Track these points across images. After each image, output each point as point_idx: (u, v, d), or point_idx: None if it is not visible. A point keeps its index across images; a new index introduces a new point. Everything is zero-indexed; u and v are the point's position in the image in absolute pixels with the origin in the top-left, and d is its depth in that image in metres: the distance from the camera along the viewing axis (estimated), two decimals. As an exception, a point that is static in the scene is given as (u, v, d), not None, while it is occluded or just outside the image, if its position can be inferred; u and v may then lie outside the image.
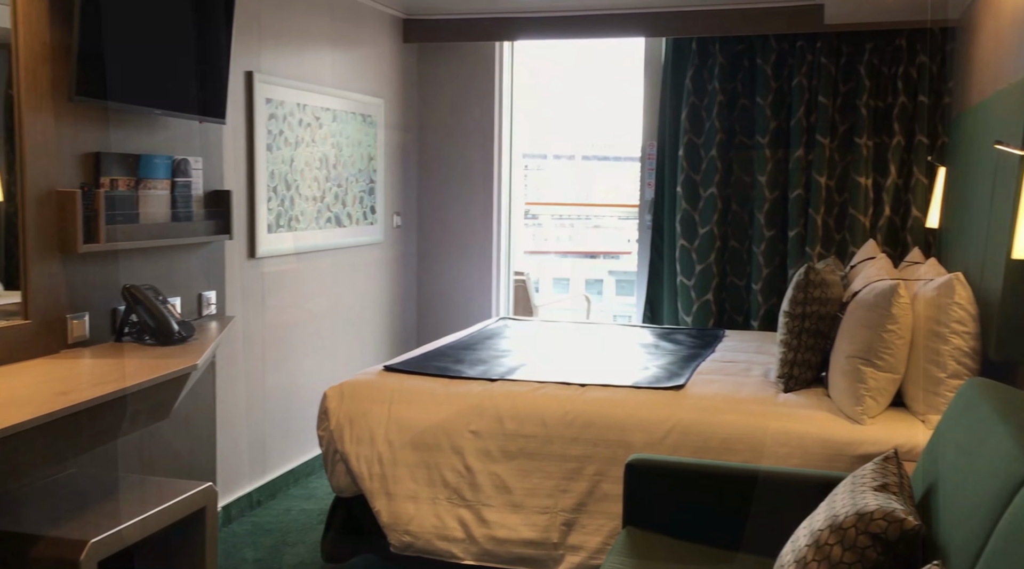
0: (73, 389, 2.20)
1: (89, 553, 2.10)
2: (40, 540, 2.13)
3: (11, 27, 2.45)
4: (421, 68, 5.25)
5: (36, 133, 2.53)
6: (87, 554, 2.10)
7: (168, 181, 3.07)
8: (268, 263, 3.89)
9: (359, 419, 3.10)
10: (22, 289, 2.54)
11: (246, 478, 3.82)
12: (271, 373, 3.96)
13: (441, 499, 3.00)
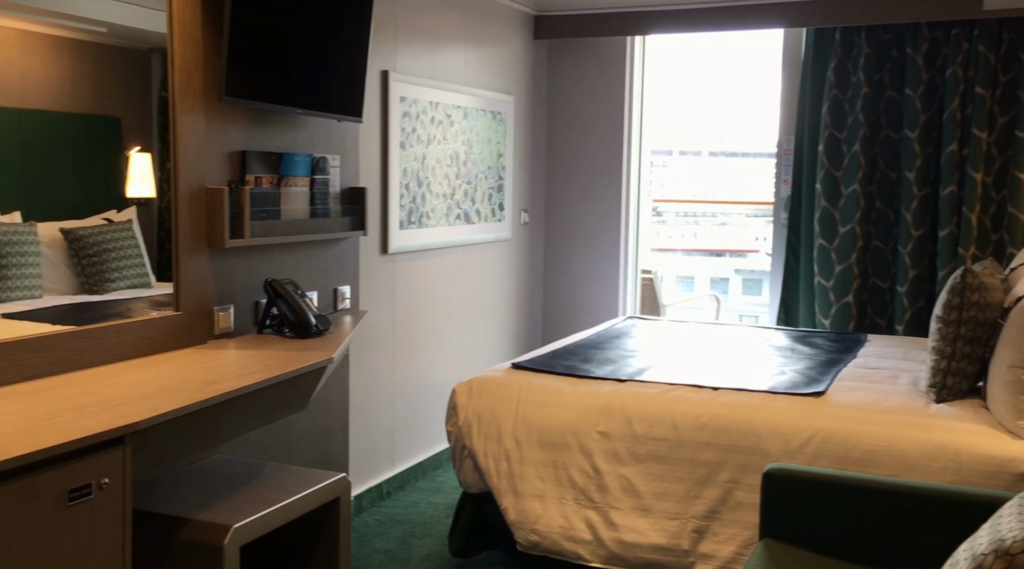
0: (220, 379, 2.28)
1: (232, 538, 2.18)
2: (187, 523, 2.23)
3: (167, 33, 2.57)
4: (551, 64, 5.24)
5: (188, 133, 2.65)
6: (230, 538, 2.18)
7: (308, 178, 3.16)
8: (399, 259, 3.96)
9: (487, 416, 3.11)
10: (174, 282, 2.67)
11: (376, 469, 3.91)
12: (401, 367, 4.03)
13: (568, 499, 2.97)
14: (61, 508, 1.73)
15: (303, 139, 3.16)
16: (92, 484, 1.79)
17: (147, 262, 2.70)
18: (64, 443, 1.71)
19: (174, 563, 2.22)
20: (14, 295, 2.34)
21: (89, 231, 2.57)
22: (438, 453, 4.35)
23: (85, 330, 2.38)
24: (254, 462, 2.71)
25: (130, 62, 2.67)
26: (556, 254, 5.35)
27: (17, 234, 2.36)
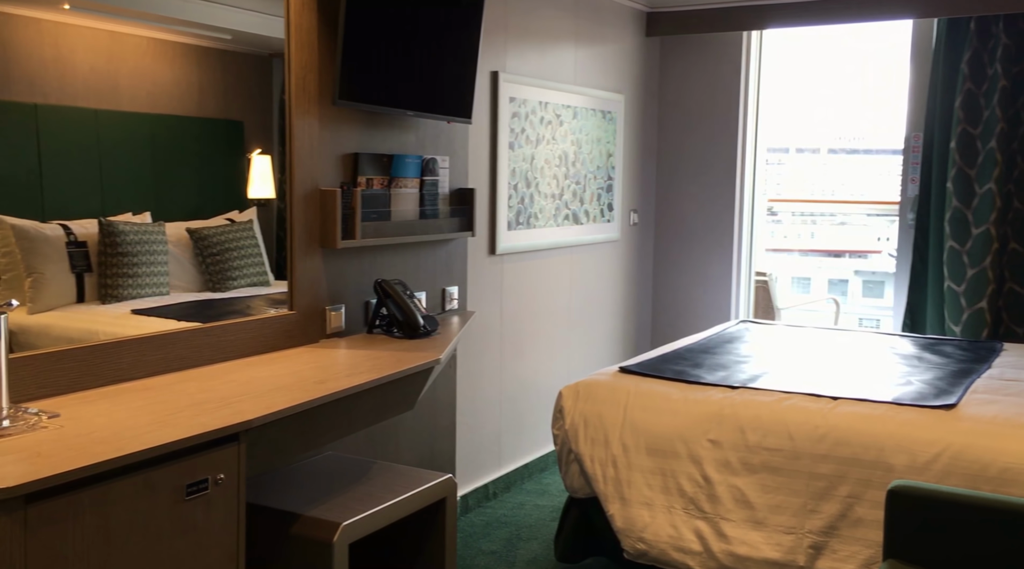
0: (331, 378, 2.32)
1: (341, 535, 2.22)
2: (299, 518, 2.27)
3: (285, 38, 2.64)
4: (663, 62, 5.14)
5: (304, 136, 2.71)
6: (340, 536, 2.21)
7: (417, 180, 3.19)
8: (507, 259, 3.96)
9: (594, 420, 3.07)
10: (288, 282, 2.73)
11: (482, 470, 3.92)
12: (508, 368, 4.03)
13: (677, 508, 2.89)
14: (179, 501, 1.78)
15: (413, 141, 3.19)
16: (208, 479, 1.84)
17: (266, 261, 2.78)
18: (183, 439, 1.77)
19: (285, 557, 2.27)
20: (144, 292, 2.45)
21: (213, 231, 2.66)
22: (544, 455, 4.33)
23: (206, 328, 2.46)
24: (363, 460, 2.75)
25: (253, 67, 2.75)
26: (666, 255, 5.25)
27: (148, 233, 2.47)
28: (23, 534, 1.50)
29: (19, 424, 1.78)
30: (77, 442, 1.70)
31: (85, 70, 2.29)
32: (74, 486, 1.58)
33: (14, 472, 1.53)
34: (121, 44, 2.39)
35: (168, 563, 1.77)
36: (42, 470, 1.54)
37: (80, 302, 2.33)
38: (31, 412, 1.86)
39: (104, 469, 1.62)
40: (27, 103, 2.18)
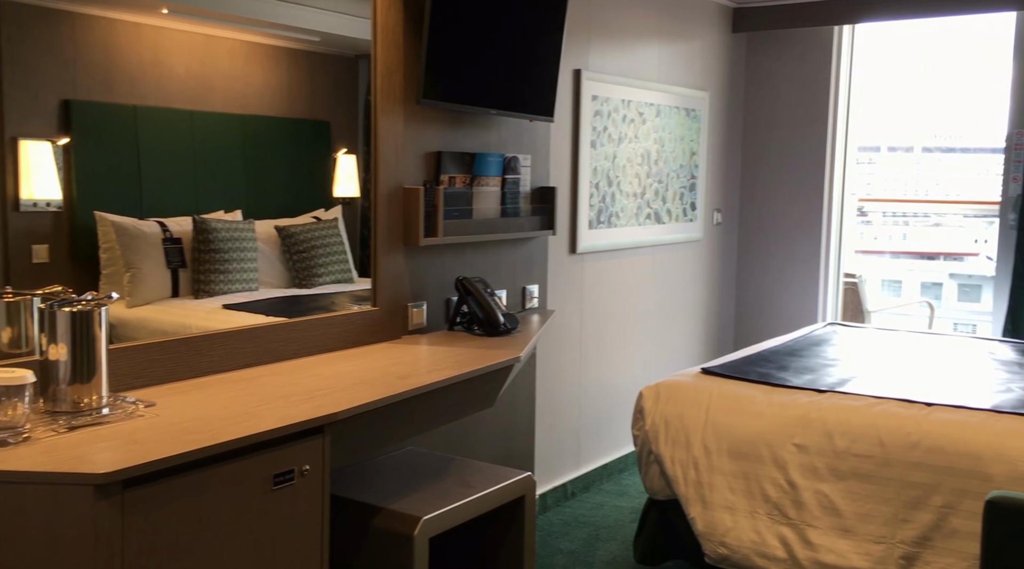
0: (412, 374, 2.35)
1: (422, 529, 2.24)
2: (380, 511, 2.31)
3: (371, 38, 2.68)
4: (749, 58, 5.04)
5: (388, 135, 2.75)
6: (420, 530, 2.24)
7: (499, 178, 3.20)
8: (588, 258, 3.94)
9: (675, 421, 3.03)
10: (372, 278, 2.78)
11: (561, 469, 3.91)
12: (588, 367, 4.01)
13: (761, 513, 2.83)
14: (267, 491, 1.83)
15: (495, 139, 3.20)
16: (295, 470, 1.88)
17: (350, 258, 2.84)
18: (271, 430, 1.81)
19: (367, 549, 2.31)
20: (234, 287, 2.52)
21: (300, 228, 2.72)
22: (624, 456, 4.29)
23: (293, 323, 2.52)
24: (442, 456, 2.77)
25: (339, 68, 2.81)
26: (750, 256, 5.14)
27: (239, 231, 2.54)
28: (120, 518, 1.56)
29: (117, 412, 1.86)
30: (171, 431, 1.76)
31: (181, 73, 2.37)
32: (168, 473, 1.63)
33: (112, 458, 1.59)
34: (215, 47, 2.46)
35: (256, 551, 1.82)
36: (139, 457, 1.59)
37: (174, 297, 2.42)
38: (128, 401, 1.94)
39: (197, 457, 1.67)
40: (127, 105, 2.26)
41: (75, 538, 1.53)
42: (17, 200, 2.02)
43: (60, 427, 1.74)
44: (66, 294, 1.90)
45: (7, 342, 1.90)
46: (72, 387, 1.79)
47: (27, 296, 1.92)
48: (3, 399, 1.64)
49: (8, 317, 1.91)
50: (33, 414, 1.74)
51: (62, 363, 1.79)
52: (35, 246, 2.08)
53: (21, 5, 2.03)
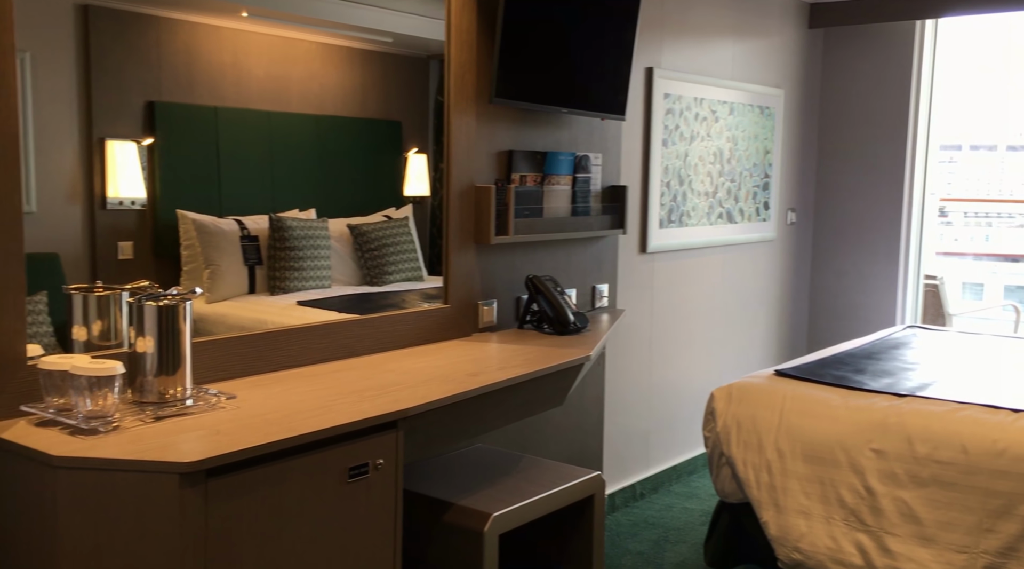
0: (483, 371, 2.37)
1: (492, 525, 2.26)
2: (451, 507, 2.33)
3: (445, 38, 2.72)
4: (826, 55, 4.94)
5: (461, 134, 2.78)
6: (490, 526, 2.25)
7: (570, 177, 3.20)
8: (658, 258, 3.91)
9: (747, 423, 2.99)
10: (444, 276, 2.81)
11: (630, 470, 3.89)
12: (657, 367, 3.99)
13: (836, 519, 2.78)
14: (342, 484, 1.87)
15: (566, 138, 3.20)
16: (369, 464, 1.92)
17: (420, 257, 2.87)
18: (346, 423, 1.85)
19: (437, 544, 2.34)
20: (307, 284, 2.58)
21: (371, 227, 2.77)
22: (694, 458, 4.25)
23: (367, 319, 2.57)
24: (511, 453, 2.79)
25: (411, 69, 2.85)
26: (825, 256, 5.04)
27: (313, 229, 2.60)
28: (204, 505, 1.61)
29: (200, 404, 1.92)
30: (252, 422, 1.81)
31: (260, 74, 2.43)
32: (249, 463, 1.68)
33: (197, 448, 1.65)
34: (293, 49, 2.52)
35: (332, 542, 1.86)
36: (222, 447, 1.64)
37: (251, 293, 2.48)
38: (211, 393, 2.00)
39: (277, 449, 1.71)
40: (208, 106, 2.33)
41: (163, 523, 1.59)
42: (104, 199, 2.10)
43: (147, 417, 1.80)
44: (152, 289, 1.97)
45: (97, 334, 1.98)
46: (158, 379, 1.86)
47: (116, 290, 2.00)
48: (94, 389, 1.71)
49: (99, 310, 1.99)
50: (121, 404, 1.81)
51: (149, 355, 1.85)
52: (121, 243, 2.16)
53: (109, 10, 2.11)
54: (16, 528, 1.68)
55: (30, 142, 1.83)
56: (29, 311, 1.86)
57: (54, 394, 1.76)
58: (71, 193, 2.03)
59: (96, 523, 1.60)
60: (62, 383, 1.75)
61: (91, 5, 2.08)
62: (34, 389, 1.80)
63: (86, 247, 2.08)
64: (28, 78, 1.85)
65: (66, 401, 1.76)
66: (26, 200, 1.87)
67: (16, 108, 1.77)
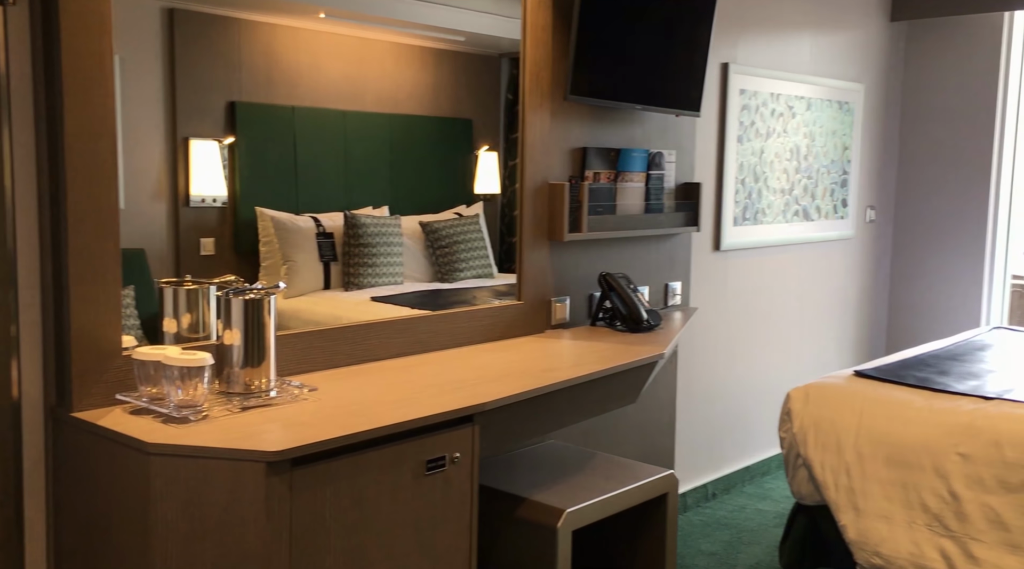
0: (557, 367, 2.39)
1: (566, 521, 2.28)
2: (524, 502, 2.36)
3: (521, 37, 2.74)
4: (908, 48, 4.82)
5: (535, 131, 2.80)
6: (564, 522, 2.27)
7: (643, 174, 3.20)
8: (732, 256, 3.88)
9: (825, 425, 2.95)
10: (517, 273, 2.84)
11: (701, 469, 3.87)
12: (730, 366, 3.95)
13: (919, 524, 2.72)
14: (420, 476, 1.91)
15: (640, 134, 3.20)
16: (446, 457, 1.95)
17: (490, 254, 2.90)
18: (425, 417, 1.88)
19: (511, 538, 2.36)
20: (381, 281, 2.63)
21: (443, 224, 2.81)
22: (767, 459, 4.20)
23: (442, 315, 2.61)
24: (584, 450, 2.80)
25: (483, 67, 2.88)
26: (906, 255, 4.92)
27: (386, 226, 2.65)
28: (289, 494, 1.67)
29: (284, 395, 1.98)
30: (334, 414, 1.86)
31: (336, 74, 2.49)
32: (332, 454, 1.73)
33: (282, 438, 1.70)
34: (368, 49, 2.57)
35: (411, 533, 1.90)
36: (306, 437, 1.69)
37: (326, 289, 2.54)
38: (294, 385, 2.06)
39: (358, 440, 1.75)
40: (286, 106, 2.39)
41: (250, 510, 1.64)
42: (187, 196, 2.17)
43: (234, 407, 1.87)
44: (238, 283, 2.04)
45: (187, 326, 2.06)
46: (244, 370, 1.93)
47: (205, 284, 2.08)
48: (185, 379, 1.78)
49: (188, 303, 2.07)
50: (210, 394, 1.88)
51: (236, 347, 1.92)
52: (203, 239, 2.23)
53: (193, 13, 2.18)
54: (113, 511, 1.75)
55: (119, 142, 1.91)
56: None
57: (147, 383, 1.84)
58: (157, 191, 2.10)
59: (187, 508, 1.66)
60: (155, 373, 1.82)
61: (176, 8, 2.15)
62: (128, 378, 1.89)
63: (170, 243, 2.15)
64: (118, 80, 1.93)
65: (158, 390, 1.83)
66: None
67: (114, 109, 1.85)
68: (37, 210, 1.84)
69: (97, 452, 1.78)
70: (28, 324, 1.85)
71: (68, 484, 1.86)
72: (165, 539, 1.67)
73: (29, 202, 1.83)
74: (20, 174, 1.82)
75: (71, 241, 1.80)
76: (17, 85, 1.80)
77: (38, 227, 1.85)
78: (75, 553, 1.86)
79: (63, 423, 1.85)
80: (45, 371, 1.87)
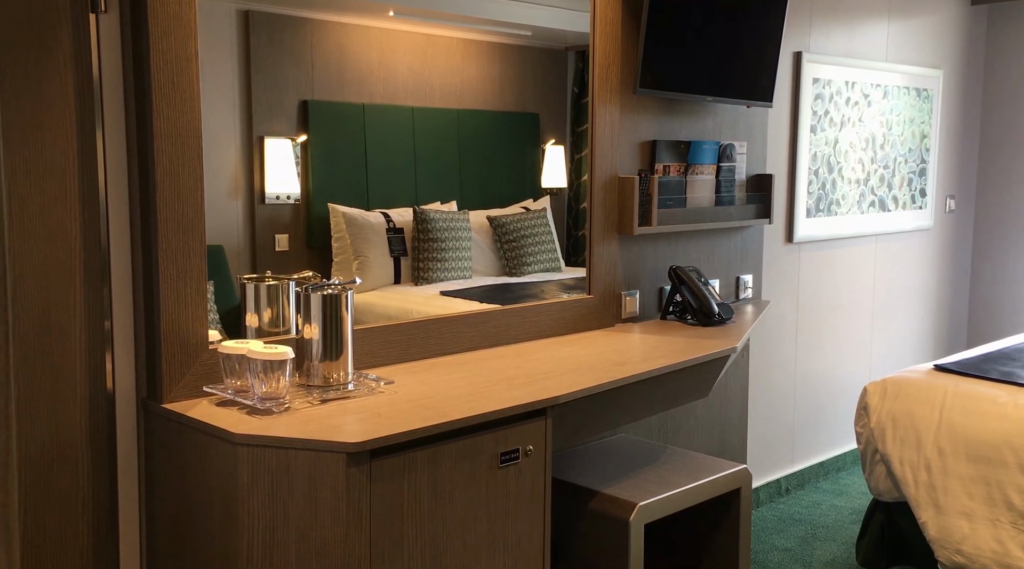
0: (628, 361, 2.40)
1: (638, 514, 2.29)
2: (596, 495, 2.38)
3: (590, 31, 2.75)
4: (991, 32, 4.68)
5: (604, 124, 2.81)
6: (636, 515, 2.29)
7: (714, 166, 3.19)
8: (805, 248, 3.83)
9: (903, 419, 2.90)
10: (587, 267, 2.85)
11: (775, 464, 3.84)
12: (804, 360, 3.91)
13: (1004, 522, 2.66)
14: (494, 468, 1.94)
15: (711, 126, 3.19)
16: (519, 450, 1.99)
17: (558, 248, 2.93)
18: (498, 410, 1.91)
19: (583, 531, 2.39)
20: (450, 275, 2.67)
21: (510, 218, 2.84)
22: (842, 454, 4.15)
23: (513, 308, 2.64)
24: (655, 444, 2.81)
25: (549, 61, 2.90)
26: (988, 246, 4.79)
27: (455, 221, 2.69)
28: (368, 483, 1.72)
29: (361, 388, 2.03)
30: (409, 407, 1.91)
31: (404, 71, 2.54)
32: (408, 446, 1.78)
33: (361, 429, 1.76)
34: (435, 45, 2.62)
35: (484, 524, 1.94)
36: (383, 429, 1.74)
37: (396, 283, 2.59)
38: (370, 378, 2.11)
39: (434, 432, 1.80)
40: (356, 103, 2.45)
41: (330, 498, 1.70)
42: (263, 193, 2.24)
43: (314, 399, 1.93)
44: (316, 279, 2.11)
45: (267, 321, 2.13)
46: (323, 363, 1.99)
47: (284, 280, 2.15)
48: (267, 372, 1.85)
49: (268, 299, 2.14)
50: (291, 387, 1.95)
51: (315, 341, 1.98)
52: (277, 235, 2.30)
53: (267, 14, 2.25)
54: (202, 498, 1.83)
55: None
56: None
57: (232, 376, 1.91)
58: (233, 189, 2.18)
59: (271, 496, 1.73)
60: (239, 366, 1.90)
61: (251, 10, 2.22)
62: (214, 371, 1.96)
63: (247, 239, 2.23)
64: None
65: (242, 383, 1.90)
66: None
67: (199, 110, 1.93)
68: (128, 210, 1.93)
69: (185, 442, 1.86)
70: (121, 320, 1.94)
71: (158, 472, 1.95)
72: (249, 526, 1.74)
73: (121, 202, 1.92)
74: (112, 175, 1.91)
75: (160, 240, 1.89)
76: (109, 89, 1.88)
77: (129, 226, 1.94)
78: (165, 536, 1.95)
79: (153, 414, 1.94)
80: (137, 364, 1.96)
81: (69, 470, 1.87)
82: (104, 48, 1.86)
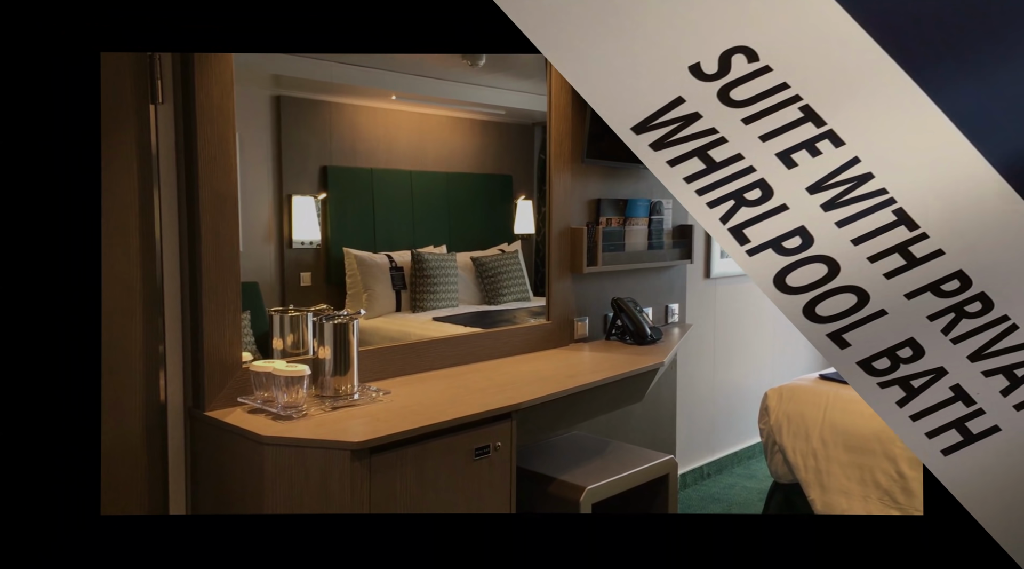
0: (578, 373, 2.41)
1: (586, 496, 2.29)
2: (553, 481, 2.38)
3: (547, 114, 2.79)
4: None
5: (560, 186, 2.85)
6: (585, 497, 2.29)
7: (646, 218, 3.23)
8: (720, 282, 3.88)
9: (796, 418, 2.94)
10: (546, 298, 2.88)
11: (698, 454, 3.85)
12: (720, 371, 3.94)
13: (873, 498, 2.70)
14: (470, 461, 1.95)
15: (644, 187, 3.23)
16: (490, 446, 1.99)
17: (527, 281, 2.95)
18: (473, 414, 1.92)
19: (543, 510, 2.39)
20: (440, 304, 2.69)
21: (489, 258, 2.86)
22: (752, 445, 4.17)
23: (487, 332, 2.65)
24: (601, 439, 2.81)
25: (519, 134, 2.94)
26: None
27: (444, 261, 2.71)
28: (369, 475, 1.72)
29: (364, 398, 2.03)
30: (403, 412, 1.92)
31: (404, 142, 2.57)
32: (401, 443, 1.78)
33: (363, 431, 1.76)
34: (429, 122, 2.65)
35: (463, 507, 1.94)
36: (381, 430, 1.75)
37: (397, 311, 2.61)
38: (372, 390, 2.11)
39: (422, 432, 1.80)
40: (366, 168, 2.48)
41: (339, 487, 1.70)
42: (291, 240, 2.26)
43: (326, 407, 1.93)
44: (329, 311, 2.12)
45: (289, 344, 2.14)
46: (334, 378, 1.99)
47: (303, 312, 2.16)
48: (289, 386, 1.85)
49: (291, 327, 2.15)
50: (308, 397, 1.95)
51: (327, 361, 1.99)
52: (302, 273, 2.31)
53: (295, 99, 2.28)
54: (236, 488, 1.83)
55: (239, 198, 2.00)
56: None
57: (260, 389, 1.91)
58: (267, 236, 2.19)
59: (291, 487, 1.73)
60: (266, 381, 1.90)
61: (282, 95, 2.25)
62: (246, 385, 1.96)
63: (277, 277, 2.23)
64: (239, 153, 2.02)
65: (269, 395, 1.90)
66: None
67: (235, 179, 1.94)
68: (178, 255, 1.94)
69: (223, 442, 1.85)
70: (171, 343, 1.94)
71: (201, 467, 1.94)
72: (273, 509, 1.74)
73: (172, 249, 1.93)
74: (167, 228, 1.92)
75: (203, 281, 1.89)
76: (164, 163, 1.90)
77: (179, 270, 1.94)
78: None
79: (197, 420, 1.93)
80: (184, 380, 1.95)
81: (129, 465, 1.86)
82: (161, 131, 1.88)
